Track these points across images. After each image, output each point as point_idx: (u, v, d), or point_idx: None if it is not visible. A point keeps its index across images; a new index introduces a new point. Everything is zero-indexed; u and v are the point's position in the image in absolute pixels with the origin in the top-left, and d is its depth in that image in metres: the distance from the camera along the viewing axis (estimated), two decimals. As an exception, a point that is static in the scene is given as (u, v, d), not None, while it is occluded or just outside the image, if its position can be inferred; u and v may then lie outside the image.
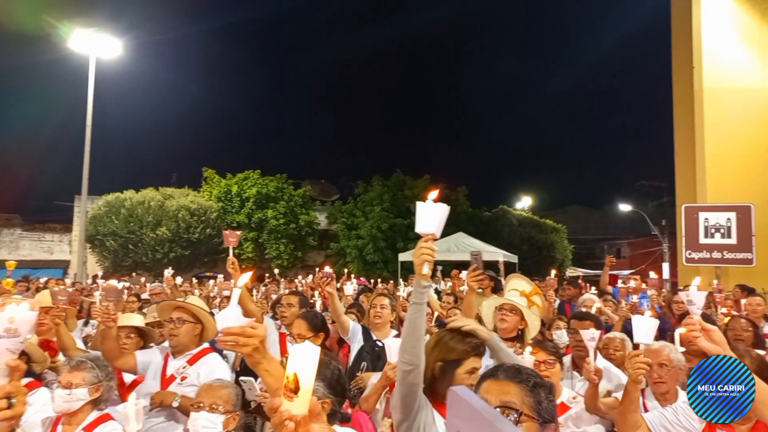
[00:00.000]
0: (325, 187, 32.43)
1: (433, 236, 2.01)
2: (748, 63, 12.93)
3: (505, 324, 3.47)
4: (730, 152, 12.58)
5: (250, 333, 1.47)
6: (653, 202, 36.17)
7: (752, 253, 10.42)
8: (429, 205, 2.02)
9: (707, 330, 1.97)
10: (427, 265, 2.01)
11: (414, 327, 2.11)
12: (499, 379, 1.56)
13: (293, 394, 1.07)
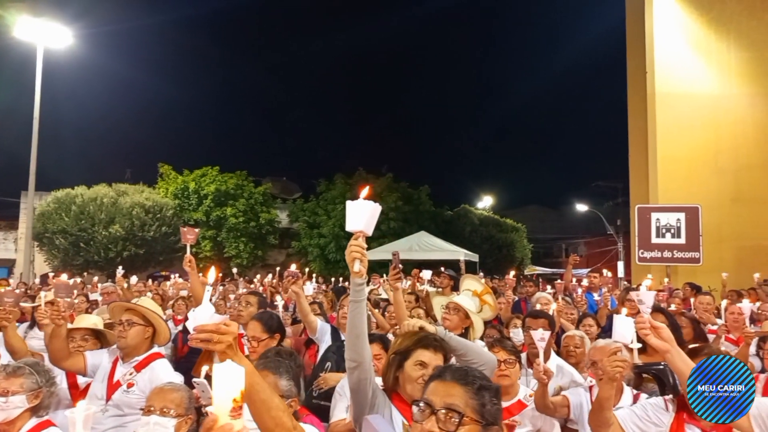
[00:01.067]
0: (286, 185, 32.06)
1: (363, 234, 2.03)
2: (697, 70, 13.48)
3: (447, 323, 3.51)
4: (679, 155, 13.09)
5: (225, 330, 1.48)
6: (609, 202, 37.31)
7: (699, 252, 10.87)
8: (358, 203, 2.04)
9: (656, 328, 2.04)
10: (358, 262, 2.02)
11: (353, 325, 2.14)
12: (445, 380, 1.55)
13: (241, 410, 1.11)
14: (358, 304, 2.14)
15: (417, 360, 2.21)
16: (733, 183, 12.95)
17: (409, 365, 2.21)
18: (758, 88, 13.06)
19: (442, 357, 2.29)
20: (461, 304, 3.70)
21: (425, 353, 2.23)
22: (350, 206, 2.05)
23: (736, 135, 13.01)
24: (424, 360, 2.21)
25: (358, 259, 2.05)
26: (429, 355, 2.23)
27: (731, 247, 12.22)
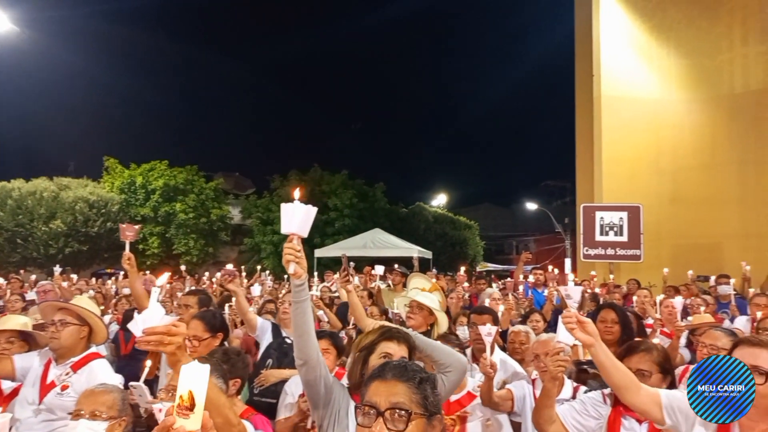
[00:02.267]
0: (239, 181, 31.47)
1: (296, 236, 2.04)
2: (640, 75, 14.06)
3: (412, 321, 3.53)
4: (623, 156, 13.63)
5: (175, 331, 1.48)
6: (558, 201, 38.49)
7: (640, 249, 11.35)
8: (292, 205, 2.05)
9: (582, 322, 2.10)
10: (293, 265, 2.03)
11: (296, 324, 2.14)
12: (386, 379, 1.55)
13: (189, 411, 1.11)
14: (299, 305, 2.13)
15: (382, 352, 2.23)
16: (671, 184, 13.59)
17: (374, 359, 2.22)
18: (695, 93, 13.74)
19: (407, 349, 2.31)
20: (424, 302, 3.72)
21: (390, 345, 2.26)
22: (284, 208, 2.05)
23: (674, 138, 13.67)
24: (389, 351, 2.23)
25: (293, 262, 2.05)
26: (393, 346, 2.26)
27: (669, 245, 12.83)
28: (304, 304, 2.13)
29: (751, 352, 1.95)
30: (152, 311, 1.49)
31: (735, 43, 13.55)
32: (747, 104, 13.18)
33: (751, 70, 13.33)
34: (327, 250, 18.49)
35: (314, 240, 22.15)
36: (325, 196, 23.89)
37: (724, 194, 13.14)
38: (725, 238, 12.85)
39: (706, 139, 13.54)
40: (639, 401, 2.15)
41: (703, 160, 13.46)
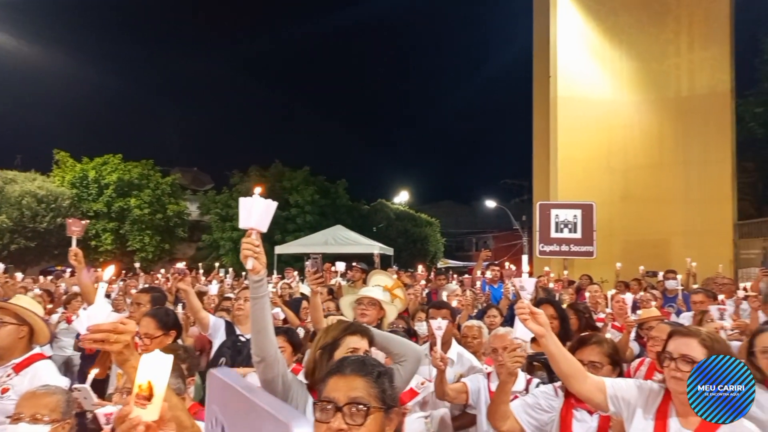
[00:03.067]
0: (197, 176, 30.75)
1: (255, 231, 2.03)
2: (593, 76, 14.52)
3: (366, 318, 3.54)
4: (577, 155, 14.05)
5: (122, 329, 1.43)
6: (516, 199, 39.28)
7: (593, 246, 11.74)
8: (251, 199, 2.03)
9: (534, 313, 2.18)
10: (251, 260, 2.02)
11: (254, 321, 2.13)
12: (345, 374, 1.56)
13: (146, 401, 1.09)
14: (258, 301, 2.12)
15: (349, 347, 2.22)
16: (622, 182, 14.11)
17: (340, 355, 2.20)
18: (645, 95, 14.30)
19: (368, 342, 2.33)
20: (375, 296, 3.73)
21: (354, 339, 2.26)
22: (243, 203, 2.03)
23: (625, 138, 14.18)
24: (355, 346, 2.23)
25: (251, 257, 2.03)
26: (357, 340, 2.27)
27: (620, 241, 13.32)
28: (262, 301, 2.11)
29: (683, 342, 2.10)
30: (97, 308, 1.43)
31: (682, 48, 14.17)
32: (692, 107, 13.81)
33: (696, 75, 13.97)
34: (287, 247, 18.31)
35: (275, 236, 21.90)
36: (286, 192, 23.63)
37: (671, 193, 13.75)
38: (671, 235, 13.44)
39: (654, 140, 14.11)
40: (585, 389, 2.25)
41: (651, 159, 14.03)
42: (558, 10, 14.53)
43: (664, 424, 2.13)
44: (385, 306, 3.68)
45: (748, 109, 18.12)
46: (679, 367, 2.06)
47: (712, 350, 2.06)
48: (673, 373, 2.09)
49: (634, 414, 2.23)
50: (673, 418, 2.13)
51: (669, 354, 2.14)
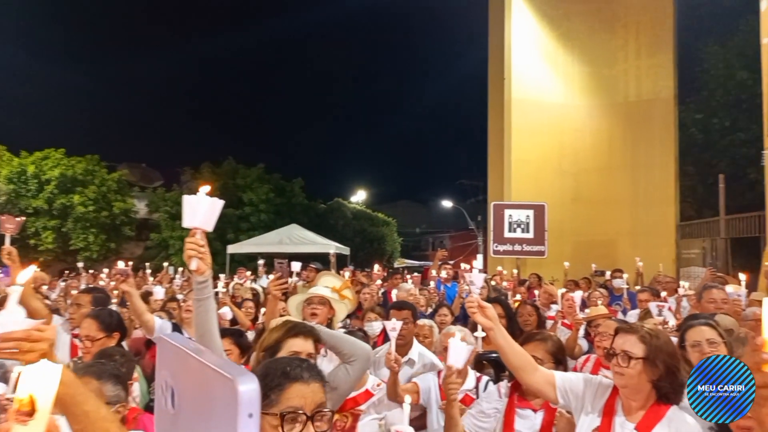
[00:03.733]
0: (146, 172, 29.69)
1: (200, 230, 1.97)
2: (547, 80, 14.85)
3: (317, 317, 3.47)
4: (530, 157, 14.35)
5: (37, 337, 1.31)
6: (472, 199, 39.86)
7: (545, 246, 12.01)
8: (195, 198, 1.97)
9: (482, 307, 2.21)
10: (195, 260, 1.95)
11: (198, 323, 2.07)
12: (307, 381, 1.51)
13: (28, 417, 0.99)
14: (202, 302, 2.04)
15: (290, 351, 2.17)
16: (573, 184, 14.50)
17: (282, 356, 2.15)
18: (596, 100, 14.75)
19: (313, 343, 2.26)
20: (325, 295, 3.68)
21: (297, 342, 2.20)
22: (187, 201, 1.96)
23: (576, 141, 14.58)
24: (296, 350, 2.17)
25: (195, 258, 1.96)
26: (300, 342, 2.21)
27: (570, 241, 13.68)
28: (207, 302, 2.04)
29: (624, 338, 2.18)
30: (8, 314, 1.29)
31: (630, 55, 14.69)
32: (639, 112, 14.35)
33: (643, 81, 14.52)
34: (240, 246, 17.91)
35: (227, 235, 21.40)
36: (240, 190, 23.13)
37: (618, 195, 14.23)
38: (619, 235, 13.92)
39: (603, 143, 14.57)
40: (535, 381, 2.29)
41: (600, 162, 14.48)
42: (513, 14, 14.78)
43: (610, 418, 2.20)
44: (335, 304, 3.62)
45: (689, 116, 18.99)
46: (619, 362, 2.13)
47: (651, 346, 2.14)
48: (615, 369, 2.17)
49: (583, 407, 2.29)
50: (619, 411, 2.21)
51: (613, 350, 2.21)
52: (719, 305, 3.98)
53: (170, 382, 0.85)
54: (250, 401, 0.69)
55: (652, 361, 2.12)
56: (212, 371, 0.73)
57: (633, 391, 2.15)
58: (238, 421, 0.68)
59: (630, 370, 2.11)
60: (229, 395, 0.69)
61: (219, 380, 0.72)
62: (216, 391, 0.72)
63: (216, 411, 0.72)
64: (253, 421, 0.69)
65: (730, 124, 18.47)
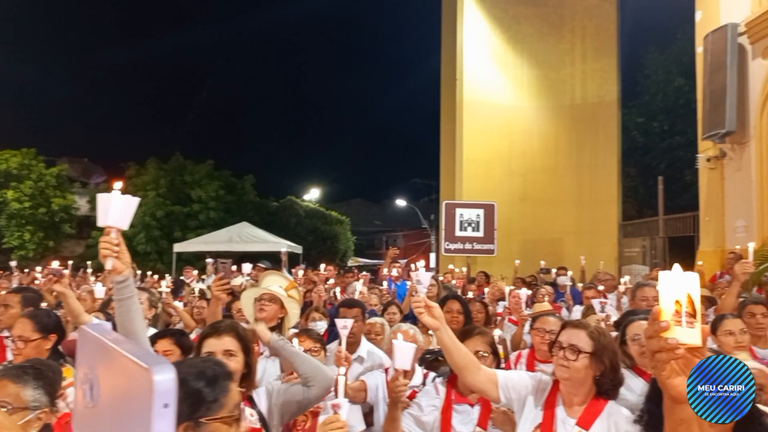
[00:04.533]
0: (87, 167, 28.39)
1: (116, 229, 1.92)
2: (497, 82, 15.16)
3: (264, 313, 3.41)
4: (481, 158, 14.62)
5: None
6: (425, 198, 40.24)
7: (494, 244, 12.24)
8: (109, 195, 1.90)
9: (429, 306, 2.20)
10: (110, 260, 1.89)
11: (120, 324, 2.00)
12: None
13: None
14: (123, 302, 1.97)
15: (205, 352, 2.15)
16: (521, 184, 14.87)
17: None
18: (543, 102, 15.16)
19: (234, 338, 2.19)
20: (276, 293, 3.61)
21: (209, 342, 2.18)
22: (101, 199, 1.89)
23: (524, 142, 14.96)
24: (210, 350, 2.14)
25: (110, 257, 1.90)
26: (213, 342, 2.17)
27: (518, 240, 14.03)
28: (128, 302, 1.97)
29: (573, 333, 2.25)
30: None
31: (576, 59, 15.19)
32: (584, 114, 14.86)
33: (588, 85, 15.05)
34: (188, 245, 17.39)
35: (174, 234, 20.74)
36: (188, 187, 22.44)
37: (564, 195, 14.71)
38: (565, 234, 14.38)
39: (550, 145, 15.01)
40: (478, 380, 2.30)
41: (547, 163, 14.91)
42: (465, 17, 15.00)
43: (552, 412, 2.24)
44: (287, 304, 3.55)
45: (631, 119, 19.86)
46: (567, 356, 2.18)
47: (599, 342, 2.22)
48: (560, 362, 2.21)
49: (525, 404, 2.32)
50: (560, 407, 2.25)
51: (559, 343, 2.26)
52: (651, 303, 4.15)
53: (89, 375, 0.83)
54: (165, 391, 0.67)
55: (598, 356, 2.19)
56: (129, 361, 0.72)
57: (575, 385, 2.20)
58: (153, 412, 0.66)
59: (577, 363, 2.17)
60: (145, 386, 0.67)
61: (136, 370, 0.70)
62: (133, 381, 0.71)
63: (133, 402, 0.71)
64: (168, 412, 0.67)
65: (668, 127, 19.43)
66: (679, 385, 1.10)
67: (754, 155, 8.75)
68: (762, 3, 8.69)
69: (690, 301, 1.07)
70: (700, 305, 1.09)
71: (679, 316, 1.06)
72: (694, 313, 1.07)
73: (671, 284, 1.08)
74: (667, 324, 1.06)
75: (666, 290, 1.08)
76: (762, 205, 8.58)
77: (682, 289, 1.07)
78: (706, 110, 9.28)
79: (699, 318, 1.06)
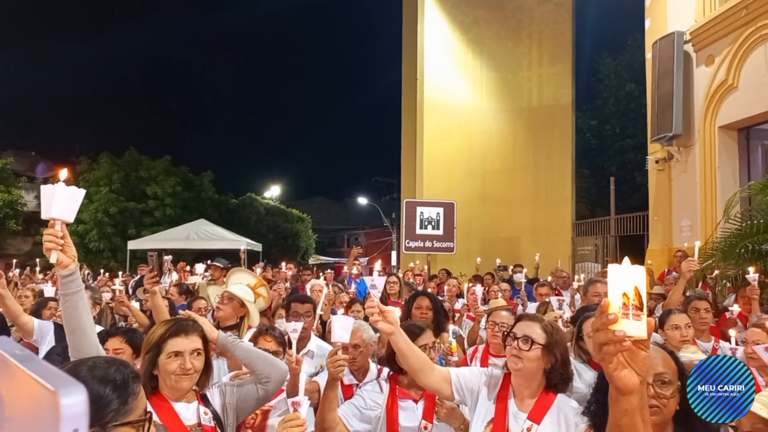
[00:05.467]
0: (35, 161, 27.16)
1: (59, 221, 1.86)
2: (457, 83, 15.37)
3: (221, 312, 3.38)
4: (441, 157, 14.79)
5: None
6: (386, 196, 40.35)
7: (454, 242, 12.43)
8: (54, 187, 1.85)
9: (383, 311, 2.19)
10: (54, 253, 1.84)
11: (67, 320, 1.94)
12: None
13: None
14: (69, 297, 1.90)
15: (170, 351, 2.08)
16: (480, 184, 15.14)
17: (162, 360, 2.08)
18: (502, 104, 15.47)
19: (200, 338, 2.18)
20: (235, 293, 3.59)
21: (177, 341, 2.12)
22: (44, 191, 1.84)
23: (483, 143, 15.23)
24: (178, 350, 2.09)
25: (54, 250, 1.84)
26: (182, 341, 2.12)
27: (478, 238, 14.29)
28: (75, 296, 1.91)
29: (527, 325, 2.32)
30: None
31: (533, 62, 15.56)
32: (540, 117, 15.25)
33: (545, 88, 15.45)
34: (143, 242, 16.89)
35: (129, 231, 20.12)
36: (143, 182, 21.78)
37: (522, 195, 15.06)
38: (521, 233, 14.73)
39: (508, 146, 15.34)
40: (432, 380, 2.33)
41: (506, 164, 15.23)
42: (425, 17, 15.13)
43: (504, 406, 2.28)
44: (248, 305, 3.53)
45: (585, 122, 20.51)
46: (520, 346, 2.24)
47: (551, 336, 2.29)
48: (514, 352, 2.26)
49: (478, 399, 2.36)
50: (512, 400, 2.30)
51: (513, 334, 2.31)
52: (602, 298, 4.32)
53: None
54: (74, 416, 0.62)
55: (550, 349, 2.25)
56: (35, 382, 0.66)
57: (527, 377, 2.25)
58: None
59: (530, 354, 2.22)
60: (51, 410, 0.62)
61: (42, 393, 0.65)
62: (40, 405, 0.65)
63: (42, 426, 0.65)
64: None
65: (620, 130, 20.17)
66: (624, 377, 1.10)
67: (698, 158, 9.19)
68: (706, 13, 9.14)
69: (637, 294, 1.07)
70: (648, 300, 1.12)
71: (626, 309, 1.07)
72: (641, 305, 1.07)
73: (619, 277, 1.09)
74: (615, 316, 1.07)
75: (614, 283, 1.09)
76: (705, 205, 9.02)
77: (630, 282, 1.07)
78: (655, 114, 9.68)
79: (645, 310, 1.07)
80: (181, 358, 2.08)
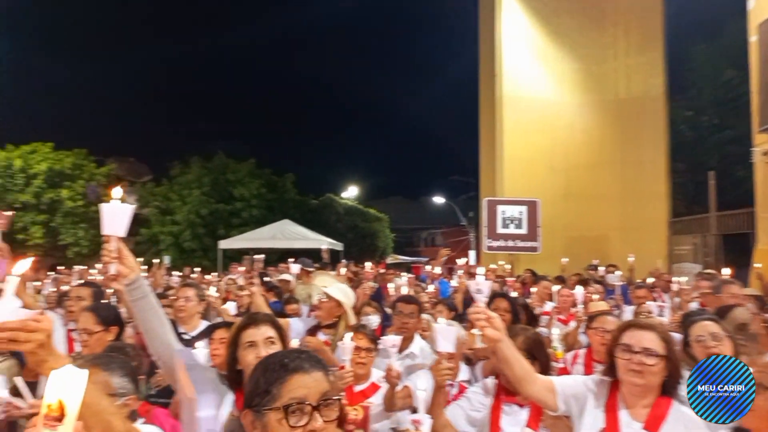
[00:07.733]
0: (134, 166, 29.42)
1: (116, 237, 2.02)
2: (538, 77, 14.91)
3: (319, 312, 3.53)
4: (522, 154, 14.42)
5: (34, 327, 1.29)
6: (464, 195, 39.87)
7: (538, 241, 12.09)
8: (111, 205, 2.01)
9: (490, 318, 2.11)
10: (113, 265, 2.00)
11: (140, 322, 2.12)
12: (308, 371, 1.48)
13: (57, 422, 1.01)
14: (136, 303, 2.07)
15: (246, 342, 2.13)
16: (564, 181, 14.60)
17: (241, 352, 2.14)
18: (585, 97, 14.84)
19: (271, 327, 2.21)
20: (331, 294, 3.74)
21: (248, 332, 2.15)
22: (102, 209, 2.01)
23: (566, 138, 14.67)
24: (252, 340, 2.13)
25: (112, 263, 2.01)
26: (253, 332, 2.15)
27: (562, 237, 13.79)
28: (141, 302, 2.06)
29: (643, 335, 2.13)
30: (4, 303, 1.29)
31: (619, 53, 14.80)
32: (628, 109, 14.47)
33: (633, 79, 14.64)
34: (232, 242, 17.83)
35: (218, 231, 21.30)
36: (231, 185, 22.99)
37: (609, 191, 14.37)
38: (610, 231, 14.06)
39: (593, 140, 14.68)
40: (536, 390, 2.24)
41: (591, 159, 14.59)
42: (503, 10, 14.82)
43: (614, 416, 2.15)
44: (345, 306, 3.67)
45: (679, 113, 19.20)
46: (643, 361, 2.07)
47: (668, 343, 2.13)
48: (633, 366, 2.09)
49: (584, 409, 2.24)
50: (623, 410, 2.16)
51: (628, 346, 2.13)
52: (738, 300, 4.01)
53: None
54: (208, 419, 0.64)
55: (670, 358, 2.10)
56: None
57: (644, 389, 2.11)
58: None
59: (654, 368, 2.06)
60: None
61: None
62: None
63: None
64: None
65: (718, 121, 18.72)
66: None
67: (815, 149, 8.37)
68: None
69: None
70: None
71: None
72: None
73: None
74: None
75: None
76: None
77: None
78: (761, 102, 8.92)
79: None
80: (256, 348, 2.11)
